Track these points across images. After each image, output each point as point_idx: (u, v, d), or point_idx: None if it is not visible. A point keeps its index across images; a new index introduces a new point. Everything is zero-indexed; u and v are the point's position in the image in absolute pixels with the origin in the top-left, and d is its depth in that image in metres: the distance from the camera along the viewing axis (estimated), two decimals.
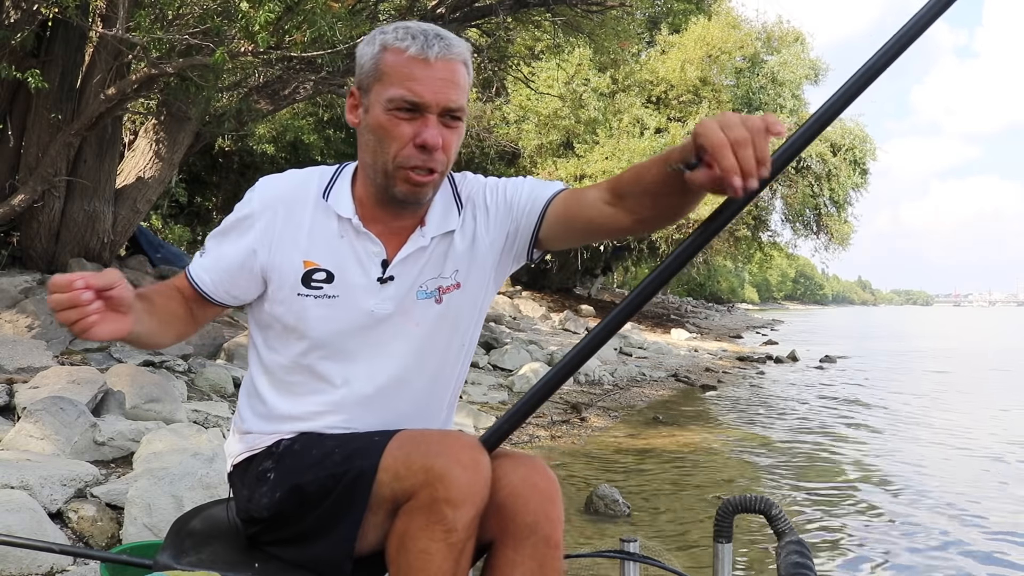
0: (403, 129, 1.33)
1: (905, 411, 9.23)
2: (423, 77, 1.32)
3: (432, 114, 1.33)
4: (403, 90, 1.32)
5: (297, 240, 1.43)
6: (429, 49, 1.32)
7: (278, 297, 1.44)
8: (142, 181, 9.06)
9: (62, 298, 1.16)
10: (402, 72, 1.32)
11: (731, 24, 21.28)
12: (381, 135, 1.35)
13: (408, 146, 1.34)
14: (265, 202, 1.44)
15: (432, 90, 1.32)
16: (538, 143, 19.14)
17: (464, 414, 6.09)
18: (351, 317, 1.42)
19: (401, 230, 1.44)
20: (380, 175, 1.38)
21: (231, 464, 1.50)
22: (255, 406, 1.50)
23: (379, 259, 1.43)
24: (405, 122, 1.33)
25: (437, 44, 1.33)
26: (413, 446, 1.29)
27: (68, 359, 5.46)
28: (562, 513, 1.35)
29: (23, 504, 2.76)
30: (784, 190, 21.47)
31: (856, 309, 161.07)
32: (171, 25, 6.39)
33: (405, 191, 1.37)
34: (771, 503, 1.46)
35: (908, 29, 1.12)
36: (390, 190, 1.38)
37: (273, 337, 1.47)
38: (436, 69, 1.32)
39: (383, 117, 1.34)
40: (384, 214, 1.43)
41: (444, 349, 1.48)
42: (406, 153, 1.34)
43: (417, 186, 1.36)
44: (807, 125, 1.13)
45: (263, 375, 1.49)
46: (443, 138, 1.34)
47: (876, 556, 3.98)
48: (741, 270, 61.72)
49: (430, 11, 9.65)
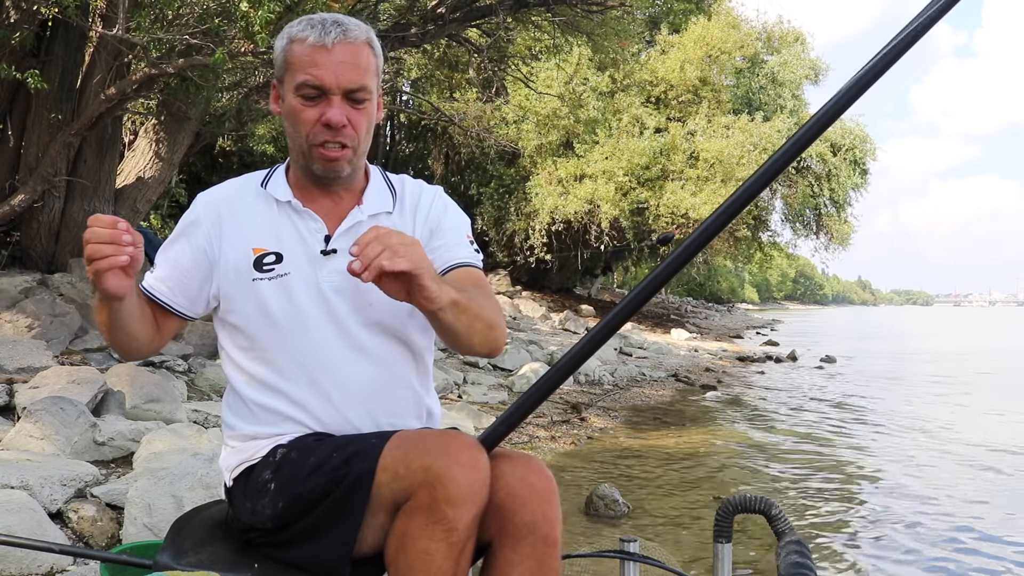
0: (310, 112, 1.44)
1: (905, 411, 9.23)
2: (323, 62, 1.41)
3: (335, 95, 1.42)
4: (306, 75, 1.42)
5: (243, 231, 1.51)
6: (327, 35, 1.42)
7: (236, 289, 1.49)
8: (142, 181, 9.06)
9: (104, 233, 1.25)
10: (305, 59, 1.43)
11: (731, 24, 21.27)
12: (294, 119, 1.46)
13: (316, 126, 1.44)
14: (208, 206, 1.55)
15: (332, 73, 1.41)
16: (538, 143, 19.13)
17: (464, 414, 6.09)
18: (305, 291, 1.48)
19: (340, 210, 1.53)
20: (301, 156, 1.49)
21: (230, 478, 1.50)
22: (241, 412, 1.51)
23: (321, 234, 1.51)
24: (311, 106, 1.44)
25: (334, 30, 1.42)
26: (411, 446, 1.30)
27: (68, 359, 5.46)
28: (559, 512, 1.36)
29: (23, 504, 2.76)
30: (784, 190, 21.47)
31: (856, 309, 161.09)
32: (171, 25, 6.39)
33: (322, 167, 1.47)
34: (771, 503, 1.46)
35: (909, 31, 1.12)
36: (311, 168, 1.49)
37: (241, 337, 1.51)
38: (335, 54, 1.42)
39: (294, 103, 1.45)
40: (320, 194, 1.53)
41: (404, 321, 1.50)
42: (314, 132, 1.44)
43: (331, 160, 1.46)
44: (807, 126, 1.14)
45: (242, 379, 1.51)
46: (348, 117, 1.44)
47: (876, 556, 3.98)
48: (741, 270, 61.75)
49: (430, 11, 9.66)
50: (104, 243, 1.24)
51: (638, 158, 18.45)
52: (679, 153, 18.89)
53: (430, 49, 14.67)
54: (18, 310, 5.83)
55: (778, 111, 21.89)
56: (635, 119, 19.28)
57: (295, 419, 1.47)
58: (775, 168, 1.16)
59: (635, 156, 18.45)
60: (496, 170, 20.47)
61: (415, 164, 22.67)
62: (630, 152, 18.46)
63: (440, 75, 18.02)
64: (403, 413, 1.53)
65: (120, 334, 1.44)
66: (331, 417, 1.47)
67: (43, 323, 5.69)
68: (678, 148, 18.91)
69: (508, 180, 20.29)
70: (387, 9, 9.98)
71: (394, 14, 9.81)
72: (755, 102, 22.48)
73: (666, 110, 20.42)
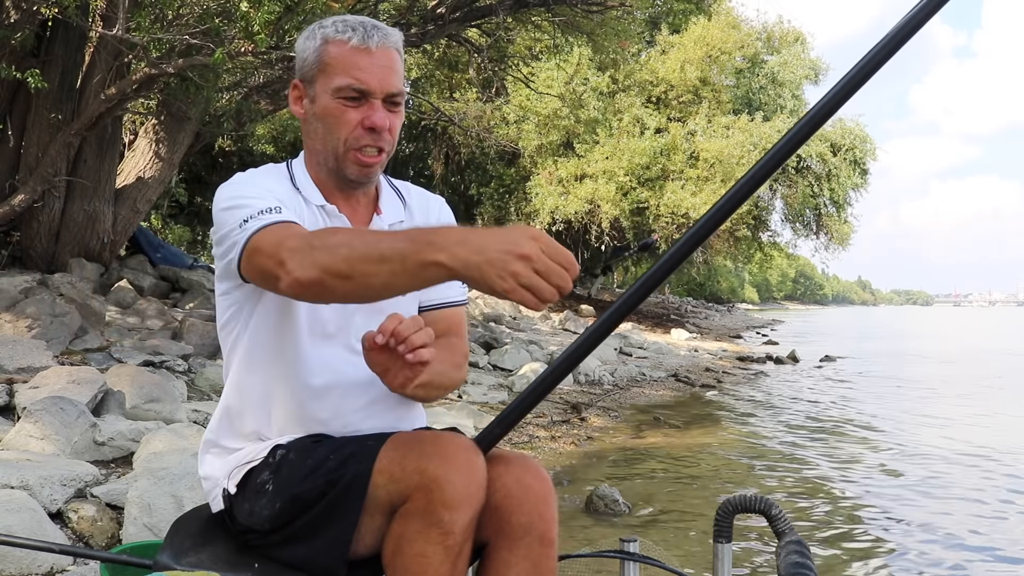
0: (351, 115, 1.42)
1: (905, 411, 9.23)
2: (366, 65, 1.40)
3: (377, 99, 1.42)
4: (349, 78, 1.40)
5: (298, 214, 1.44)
6: (370, 39, 1.41)
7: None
8: (142, 181, 9.06)
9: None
10: (346, 62, 1.41)
11: (731, 24, 21.28)
12: (330, 122, 1.43)
13: (357, 129, 1.42)
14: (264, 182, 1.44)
15: (376, 77, 1.41)
16: (538, 143, 19.14)
17: (464, 414, 6.09)
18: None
19: (358, 216, 1.52)
20: (331, 159, 1.45)
21: (233, 485, 1.45)
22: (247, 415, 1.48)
23: None
24: (352, 108, 1.42)
25: (376, 34, 1.42)
26: (407, 448, 1.29)
27: (68, 359, 5.47)
28: (556, 512, 1.36)
29: (23, 504, 2.76)
30: (784, 190, 21.47)
31: (856, 309, 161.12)
32: (171, 25, 6.39)
33: (356, 172, 1.45)
34: (771, 503, 1.46)
35: (902, 27, 1.12)
36: (341, 172, 1.46)
37: (259, 339, 1.45)
38: (377, 57, 1.41)
39: (332, 105, 1.42)
40: (341, 198, 1.50)
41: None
42: (356, 135, 1.42)
43: (367, 166, 1.45)
44: (801, 123, 1.14)
45: (252, 383, 1.47)
46: (388, 120, 1.43)
47: (876, 556, 3.98)
48: (741, 270, 61.76)
49: (430, 11, 9.66)
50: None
51: (638, 158, 18.46)
52: (679, 153, 18.89)
53: (430, 49, 14.67)
54: (18, 310, 5.83)
55: (778, 111, 21.91)
56: (636, 119, 19.29)
57: (299, 421, 1.47)
58: (771, 164, 1.16)
59: (635, 156, 18.45)
60: (496, 170, 20.48)
61: (415, 164, 22.66)
62: (630, 152, 18.47)
63: (440, 75, 18.03)
64: (403, 414, 1.54)
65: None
66: (333, 418, 1.47)
67: (43, 323, 5.69)
68: (678, 148, 18.92)
69: (508, 180, 20.30)
70: (387, 9, 9.98)
71: (394, 14, 9.80)
72: (755, 102, 22.49)
73: (666, 110, 20.43)
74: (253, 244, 1.29)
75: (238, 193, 1.38)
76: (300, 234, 1.25)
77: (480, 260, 1.06)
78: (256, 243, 1.29)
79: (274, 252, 1.25)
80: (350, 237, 1.21)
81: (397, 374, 1.27)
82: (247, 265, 1.32)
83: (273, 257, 1.25)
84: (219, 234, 1.39)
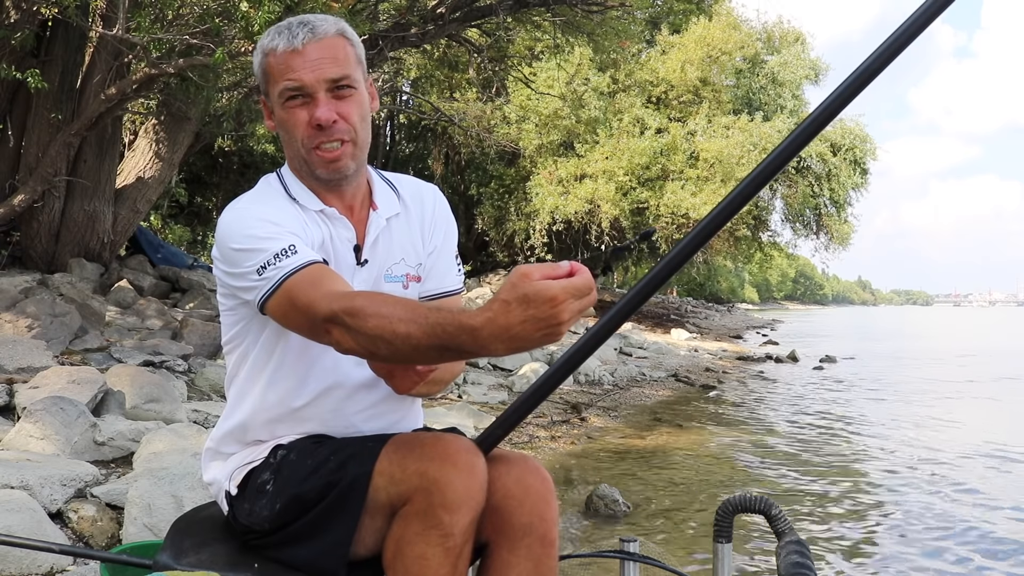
0: (299, 115, 1.41)
1: (905, 411, 9.23)
2: (298, 64, 1.40)
3: (319, 92, 1.40)
4: (285, 81, 1.40)
5: (305, 232, 1.43)
6: (295, 39, 1.40)
7: None
8: (142, 181, 9.06)
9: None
10: (281, 66, 1.41)
11: (732, 25, 21.27)
12: (287, 128, 1.44)
13: (308, 128, 1.41)
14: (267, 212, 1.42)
15: (308, 71, 1.39)
16: (538, 143, 19.13)
17: (464, 414, 6.09)
18: None
19: (355, 215, 1.50)
20: (302, 164, 1.46)
21: (234, 486, 1.46)
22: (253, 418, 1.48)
23: (351, 244, 1.48)
24: (299, 109, 1.41)
25: (302, 31, 1.41)
26: (408, 450, 1.29)
27: (68, 359, 5.46)
28: (557, 513, 1.36)
29: (23, 504, 2.76)
30: (784, 190, 21.46)
31: (856, 309, 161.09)
32: (171, 25, 6.40)
33: (325, 170, 1.44)
34: (771, 503, 1.46)
35: (905, 30, 1.12)
36: (313, 173, 1.45)
37: (271, 343, 1.45)
38: (307, 53, 1.40)
39: (282, 112, 1.43)
40: (333, 198, 1.49)
41: None
42: (308, 135, 1.41)
43: (332, 161, 1.42)
44: (804, 125, 1.14)
45: (261, 386, 1.46)
46: (338, 110, 1.41)
47: (876, 556, 3.98)
48: (741, 270, 61.75)
49: (430, 11, 9.66)
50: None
51: (638, 158, 18.45)
52: (679, 153, 18.89)
53: (430, 49, 14.67)
54: (18, 310, 5.83)
55: (778, 111, 21.89)
56: (636, 119, 19.29)
57: (301, 422, 1.47)
58: (774, 166, 1.16)
59: (635, 156, 18.45)
60: (496, 170, 20.47)
61: (415, 164, 22.67)
62: (631, 152, 18.46)
63: (440, 75, 18.04)
64: (404, 415, 1.54)
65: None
66: (334, 419, 1.47)
67: (43, 323, 5.69)
68: (678, 148, 18.91)
69: (508, 180, 20.30)
70: (387, 9, 9.98)
71: (394, 14, 9.81)
72: (755, 102, 22.48)
73: (667, 110, 20.42)
74: (281, 298, 1.29)
75: (249, 233, 1.35)
76: (335, 303, 1.21)
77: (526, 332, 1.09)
78: (287, 297, 1.29)
79: (310, 313, 1.25)
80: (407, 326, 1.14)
81: (403, 378, 1.28)
82: (274, 313, 1.33)
83: (311, 320, 1.25)
84: (233, 271, 1.37)
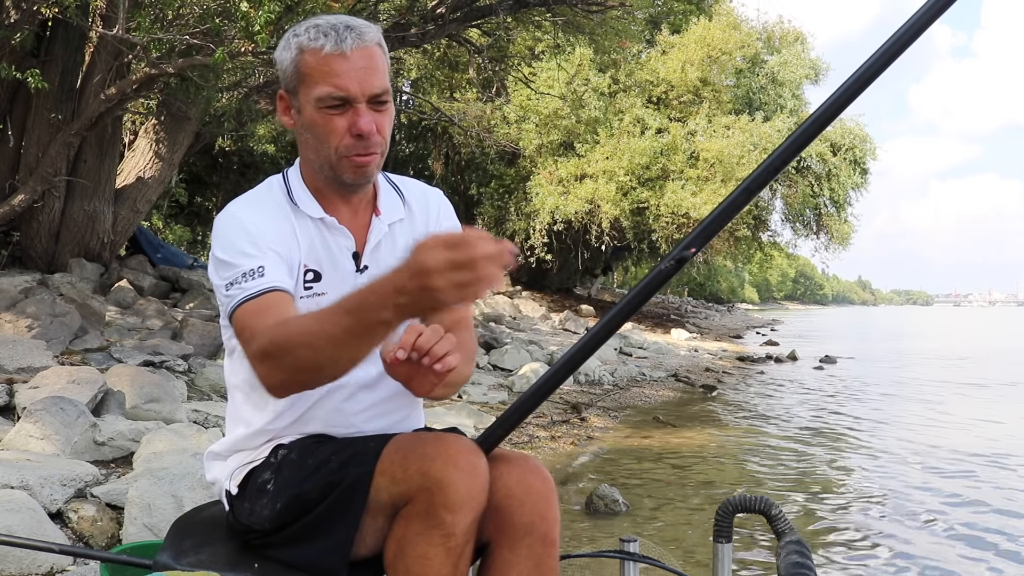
0: (337, 123, 1.38)
1: (905, 412, 9.22)
2: (344, 71, 1.36)
3: (360, 103, 1.38)
4: (329, 87, 1.36)
5: (291, 244, 1.44)
6: (343, 43, 1.36)
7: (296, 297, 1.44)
8: (142, 181, 9.06)
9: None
10: (323, 70, 1.37)
11: (732, 25, 21.26)
12: (318, 132, 1.40)
13: (345, 137, 1.39)
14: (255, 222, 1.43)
15: (355, 81, 1.36)
16: (539, 143, 19.13)
17: (464, 414, 6.09)
18: None
19: (359, 220, 1.50)
20: (327, 167, 1.43)
21: (235, 485, 1.46)
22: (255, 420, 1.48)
23: (350, 252, 1.47)
24: (337, 116, 1.38)
25: (350, 36, 1.37)
26: (409, 450, 1.29)
27: (68, 359, 5.46)
28: (558, 513, 1.36)
29: (23, 504, 2.76)
30: (784, 190, 21.46)
31: (856, 309, 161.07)
32: (171, 25, 6.40)
33: (353, 176, 1.43)
34: (771, 503, 1.46)
35: (905, 31, 1.12)
36: (338, 178, 1.44)
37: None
38: (354, 60, 1.36)
39: (316, 115, 1.39)
40: (340, 203, 1.48)
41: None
42: (345, 144, 1.39)
43: (362, 167, 1.42)
44: (804, 126, 1.14)
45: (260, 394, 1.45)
46: (376, 122, 1.39)
47: (876, 556, 3.98)
48: (741, 270, 61.73)
49: (430, 11, 9.65)
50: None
51: (639, 158, 18.44)
52: (679, 153, 18.89)
53: (430, 49, 14.68)
54: (18, 310, 5.83)
55: (778, 111, 21.89)
56: (636, 119, 19.28)
57: (303, 423, 1.47)
58: (774, 166, 1.16)
59: (636, 156, 18.45)
60: (496, 170, 20.48)
61: (415, 164, 22.67)
62: (631, 152, 18.46)
63: (440, 75, 18.03)
64: (405, 415, 1.54)
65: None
66: (336, 419, 1.47)
67: (43, 323, 5.69)
68: (678, 148, 18.91)
69: (508, 180, 20.30)
70: (387, 9, 9.98)
71: (394, 14, 9.80)
72: (755, 102, 22.48)
73: (667, 110, 20.42)
74: (236, 320, 1.34)
75: (229, 242, 1.38)
76: (263, 337, 1.25)
77: (407, 301, 1.06)
78: (236, 323, 1.34)
79: (247, 348, 1.30)
80: (300, 335, 1.20)
81: (423, 382, 1.26)
82: (234, 331, 1.36)
83: (248, 353, 1.30)
84: (213, 278, 1.41)
